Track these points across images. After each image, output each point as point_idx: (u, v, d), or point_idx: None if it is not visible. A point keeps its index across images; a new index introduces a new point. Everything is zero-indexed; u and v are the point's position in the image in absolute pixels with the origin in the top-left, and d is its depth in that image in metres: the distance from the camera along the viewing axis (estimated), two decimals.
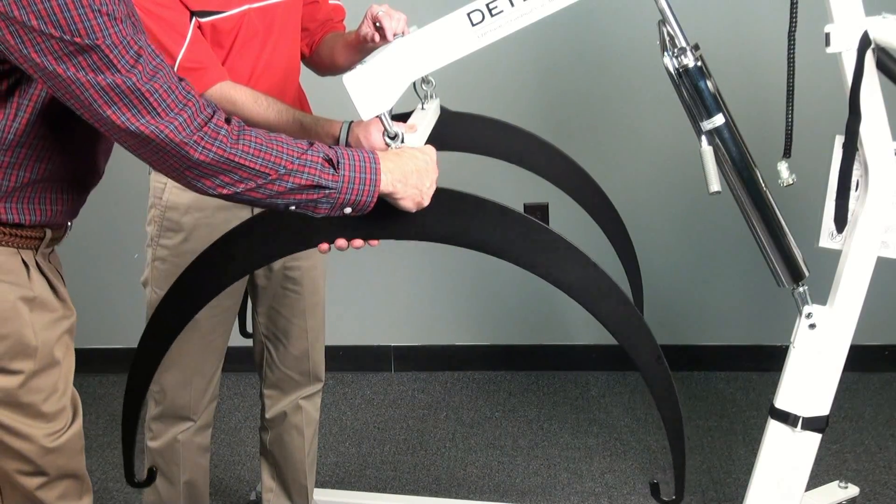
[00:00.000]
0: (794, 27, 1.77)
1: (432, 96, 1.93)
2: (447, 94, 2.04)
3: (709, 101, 1.80)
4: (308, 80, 2.07)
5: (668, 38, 1.79)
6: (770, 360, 3.00)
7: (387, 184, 1.37)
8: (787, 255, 1.90)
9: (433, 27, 1.60)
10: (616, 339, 1.55)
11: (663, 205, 3.09)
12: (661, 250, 3.09)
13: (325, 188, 1.32)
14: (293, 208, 1.34)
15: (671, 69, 1.81)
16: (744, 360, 3.19)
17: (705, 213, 3.04)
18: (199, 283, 1.57)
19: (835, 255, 1.91)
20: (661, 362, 1.55)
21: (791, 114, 1.84)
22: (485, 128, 2.08)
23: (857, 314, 1.88)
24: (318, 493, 2.43)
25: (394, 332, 3.31)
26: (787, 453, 1.96)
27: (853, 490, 2.31)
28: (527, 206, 1.71)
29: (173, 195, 1.91)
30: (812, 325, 1.90)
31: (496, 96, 2.99)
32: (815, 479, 2.30)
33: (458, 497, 2.56)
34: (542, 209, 1.73)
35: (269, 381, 2.20)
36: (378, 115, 1.53)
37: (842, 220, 1.87)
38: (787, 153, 1.87)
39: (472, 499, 2.53)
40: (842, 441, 2.74)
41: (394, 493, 2.60)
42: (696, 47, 1.80)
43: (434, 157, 1.45)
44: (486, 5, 1.58)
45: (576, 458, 2.74)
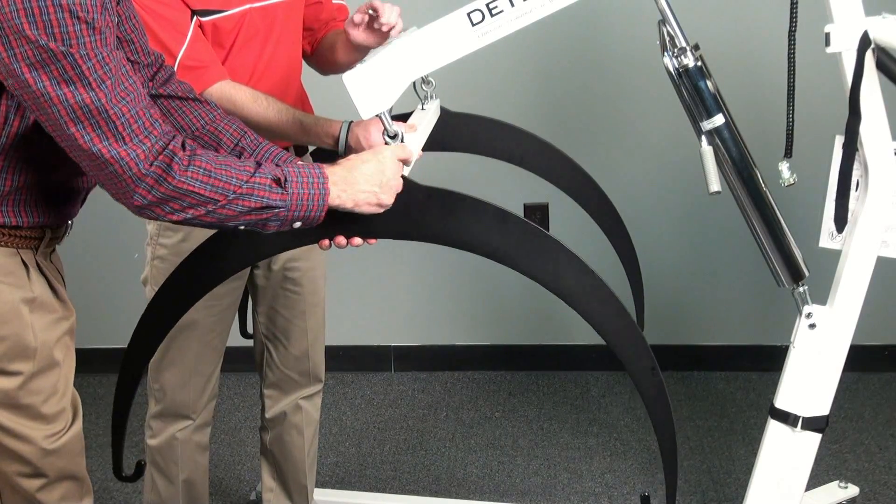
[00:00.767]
0: (795, 27, 1.77)
1: (432, 97, 1.93)
2: (447, 94, 2.03)
3: (709, 101, 1.80)
4: (309, 79, 2.07)
5: (668, 38, 1.79)
6: (770, 360, 3.00)
7: (335, 196, 1.37)
8: (787, 255, 1.90)
9: (433, 27, 1.61)
10: (611, 348, 1.55)
11: (663, 205, 3.09)
12: (661, 250, 3.08)
13: (274, 208, 1.32)
14: (243, 227, 1.34)
15: (671, 69, 1.81)
16: (744, 360, 3.19)
17: (705, 213, 3.04)
18: (194, 277, 1.57)
19: (835, 255, 1.91)
20: (656, 373, 1.55)
21: (792, 114, 1.84)
22: (485, 128, 2.08)
23: (857, 314, 1.88)
24: (318, 493, 2.43)
25: (394, 332, 3.31)
26: (787, 453, 1.96)
27: (853, 490, 2.31)
28: (527, 207, 1.72)
29: None
30: (812, 325, 1.90)
31: (496, 96, 2.99)
32: (815, 479, 2.29)
33: (458, 497, 2.56)
34: (541, 209, 1.74)
35: (268, 381, 2.20)
36: (378, 115, 1.53)
37: (842, 220, 1.87)
38: (788, 153, 1.87)
39: (472, 499, 2.53)
40: (842, 441, 2.74)
41: (394, 493, 2.60)
42: (696, 47, 1.80)
43: (387, 155, 1.43)
44: (486, 5, 1.58)
45: (576, 458, 2.74)
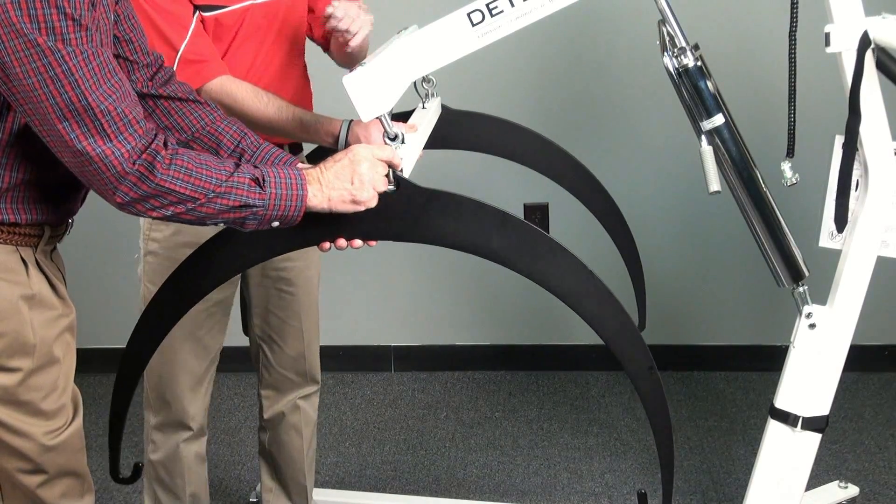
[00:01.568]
0: (795, 27, 1.77)
1: (433, 95, 1.93)
2: (449, 93, 2.04)
3: (708, 100, 1.80)
4: (312, 80, 2.07)
5: (668, 38, 1.80)
6: (770, 360, 3.00)
7: (311, 196, 1.38)
8: (787, 255, 1.90)
9: (433, 27, 1.60)
10: (609, 348, 1.55)
11: (663, 204, 3.09)
12: (660, 250, 3.08)
13: (253, 206, 1.34)
14: (221, 225, 1.37)
15: (671, 69, 1.81)
16: (744, 360, 3.19)
17: (705, 212, 3.04)
18: (193, 278, 1.57)
19: (835, 255, 1.91)
20: (654, 374, 1.55)
21: (794, 113, 1.84)
22: (487, 126, 2.08)
23: (857, 314, 1.88)
24: (318, 493, 2.43)
25: (394, 332, 3.31)
26: (787, 453, 1.96)
27: (853, 490, 2.32)
28: (527, 207, 1.72)
29: None
30: (812, 325, 1.90)
31: (498, 95, 2.99)
32: (815, 479, 2.30)
33: (458, 497, 2.56)
34: (541, 210, 1.74)
35: (265, 382, 2.19)
36: (378, 117, 1.53)
37: (842, 220, 1.87)
38: (790, 153, 1.87)
39: (472, 499, 2.53)
40: (842, 441, 2.74)
41: (394, 493, 2.60)
42: (696, 47, 1.80)
43: (359, 152, 1.42)
44: (486, 5, 1.58)
45: (576, 458, 2.74)
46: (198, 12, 1.77)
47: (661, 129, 3.01)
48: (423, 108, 1.91)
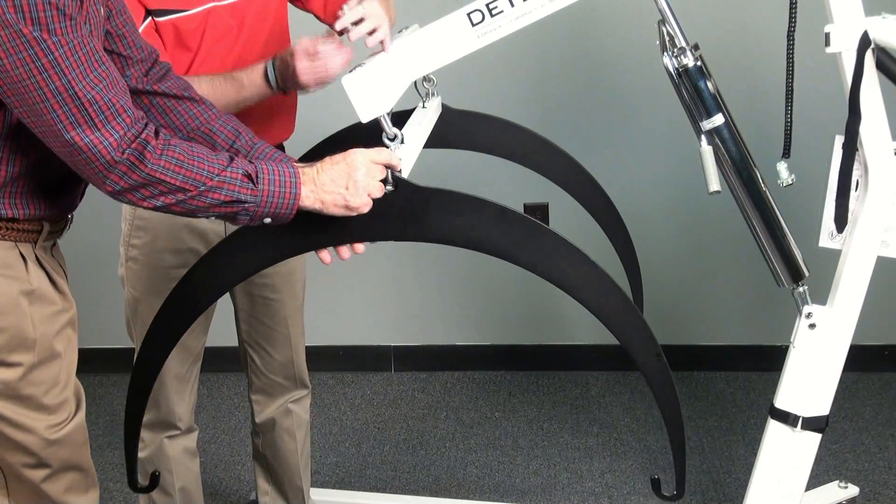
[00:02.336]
0: (794, 27, 1.77)
1: (434, 94, 1.93)
2: (448, 92, 2.04)
3: (708, 100, 1.80)
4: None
5: (667, 38, 1.80)
6: (770, 360, 3.00)
7: (305, 196, 1.38)
8: (787, 255, 1.90)
9: (433, 27, 1.61)
10: (616, 337, 1.55)
11: (663, 204, 3.09)
12: (660, 250, 3.08)
13: (244, 202, 1.34)
14: (212, 218, 1.36)
15: (671, 69, 1.81)
16: (744, 360, 3.19)
17: (705, 212, 3.04)
18: (198, 288, 1.57)
19: (835, 255, 1.91)
20: (661, 360, 1.56)
21: (790, 114, 1.84)
22: (486, 126, 2.08)
23: (857, 314, 1.88)
24: (318, 493, 2.43)
25: (394, 332, 3.31)
26: (787, 453, 1.96)
27: (853, 490, 2.32)
28: (527, 207, 1.72)
29: None
30: (812, 325, 1.90)
31: (498, 95, 2.99)
32: (815, 479, 2.30)
33: (458, 497, 2.56)
34: (541, 209, 1.74)
35: (255, 387, 2.18)
36: (378, 118, 1.53)
37: (842, 220, 1.87)
38: (786, 153, 1.87)
39: (472, 499, 2.53)
40: (842, 441, 2.74)
41: (394, 493, 2.60)
42: (696, 47, 1.80)
43: (357, 158, 1.42)
44: (486, 5, 1.58)
45: (576, 458, 2.74)
46: (150, 17, 1.71)
47: (661, 130, 3.01)
48: (424, 107, 1.91)
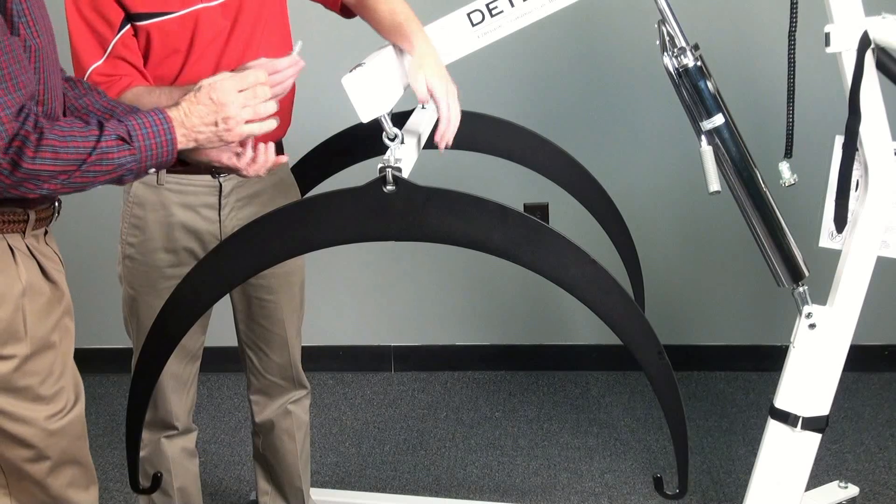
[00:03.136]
0: (795, 27, 1.77)
1: None
2: None
3: (708, 100, 1.80)
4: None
5: (667, 38, 1.80)
6: (770, 360, 3.00)
7: (180, 138, 1.41)
8: (787, 255, 1.90)
9: (433, 27, 1.61)
10: (617, 336, 1.55)
11: (663, 204, 3.09)
12: (660, 250, 3.08)
13: (125, 164, 1.36)
14: (99, 185, 1.37)
15: (671, 69, 1.81)
16: (744, 360, 3.19)
17: (705, 212, 3.04)
18: (197, 291, 1.57)
19: (835, 255, 1.91)
20: (663, 358, 1.56)
21: (792, 114, 1.84)
22: (486, 126, 2.08)
23: (857, 314, 1.88)
24: (318, 493, 2.43)
25: (394, 332, 3.31)
26: (787, 453, 1.96)
27: (853, 490, 2.31)
28: (527, 207, 1.72)
29: (140, 191, 1.88)
30: (812, 325, 1.90)
31: (497, 95, 2.99)
32: (815, 479, 2.29)
33: (458, 497, 2.56)
34: (541, 209, 1.74)
35: (254, 388, 2.17)
36: (378, 117, 1.53)
37: (842, 220, 1.87)
38: (788, 153, 1.87)
39: (472, 499, 2.53)
40: (842, 441, 2.74)
41: (394, 493, 2.60)
42: (696, 47, 1.80)
43: (222, 96, 1.43)
44: (486, 5, 1.58)
45: (576, 458, 2.74)
46: (129, 25, 1.68)
47: (661, 130, 3.01)
48: (423, 108, 1.91)
